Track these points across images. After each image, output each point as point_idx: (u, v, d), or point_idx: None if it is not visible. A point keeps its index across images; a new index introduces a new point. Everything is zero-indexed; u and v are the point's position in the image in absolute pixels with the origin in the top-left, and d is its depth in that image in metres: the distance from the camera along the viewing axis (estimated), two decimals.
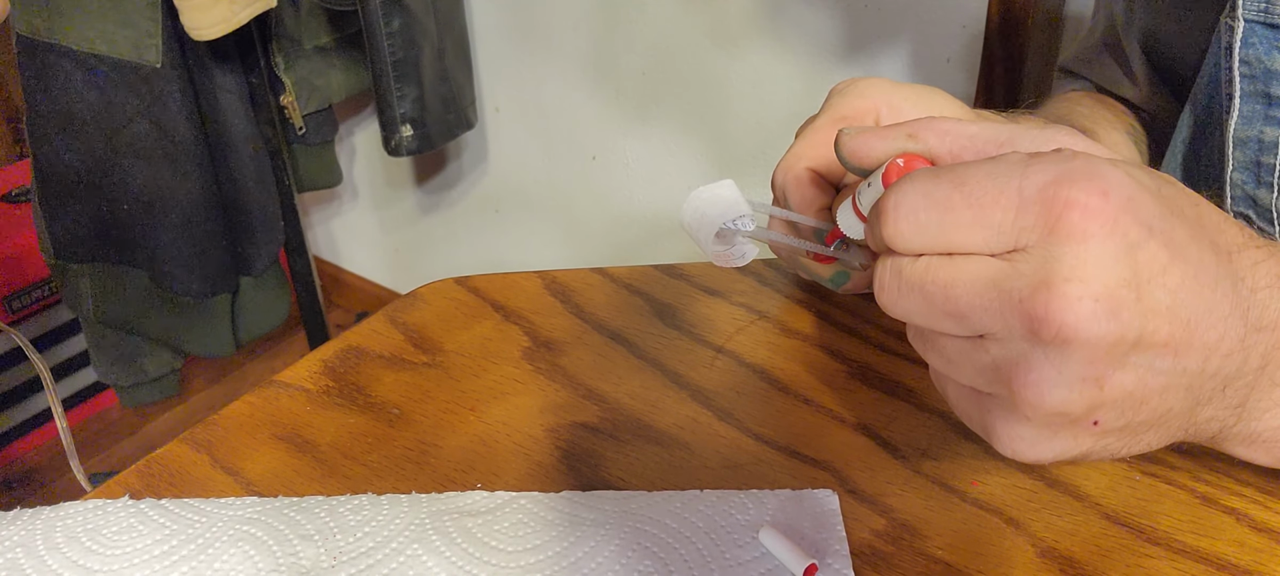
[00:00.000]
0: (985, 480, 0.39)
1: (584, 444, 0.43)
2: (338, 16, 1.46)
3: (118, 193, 1.33)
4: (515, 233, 1.73)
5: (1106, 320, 0.26)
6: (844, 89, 0.49)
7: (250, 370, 1.87)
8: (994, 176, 0.28)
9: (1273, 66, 0.49)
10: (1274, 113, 0.50)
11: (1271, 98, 0.50)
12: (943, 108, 0.48)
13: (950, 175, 0.28)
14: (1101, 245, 0.26)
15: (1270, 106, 0.50)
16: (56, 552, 0.37)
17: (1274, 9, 0.48)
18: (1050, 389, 0.27)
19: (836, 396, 0.45)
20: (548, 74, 1.52)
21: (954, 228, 0.28)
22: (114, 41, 1.26)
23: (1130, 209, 0.27)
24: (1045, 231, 0.27)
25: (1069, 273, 0.26)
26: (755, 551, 0.36)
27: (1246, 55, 0.50)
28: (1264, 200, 0.52)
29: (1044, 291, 0.26)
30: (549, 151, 1.59)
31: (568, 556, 0.37)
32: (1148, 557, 0.36)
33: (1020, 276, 0.27)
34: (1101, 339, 0.26)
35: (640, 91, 1.44)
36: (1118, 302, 0.26)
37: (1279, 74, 0.49)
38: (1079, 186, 0.26)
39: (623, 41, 1.41)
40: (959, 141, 0.32)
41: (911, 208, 0.28)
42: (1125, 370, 0.27)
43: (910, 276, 0.29)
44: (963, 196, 0.28)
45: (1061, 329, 0.26)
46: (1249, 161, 0.51)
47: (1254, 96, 0.50)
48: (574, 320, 0.51)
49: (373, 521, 0.38)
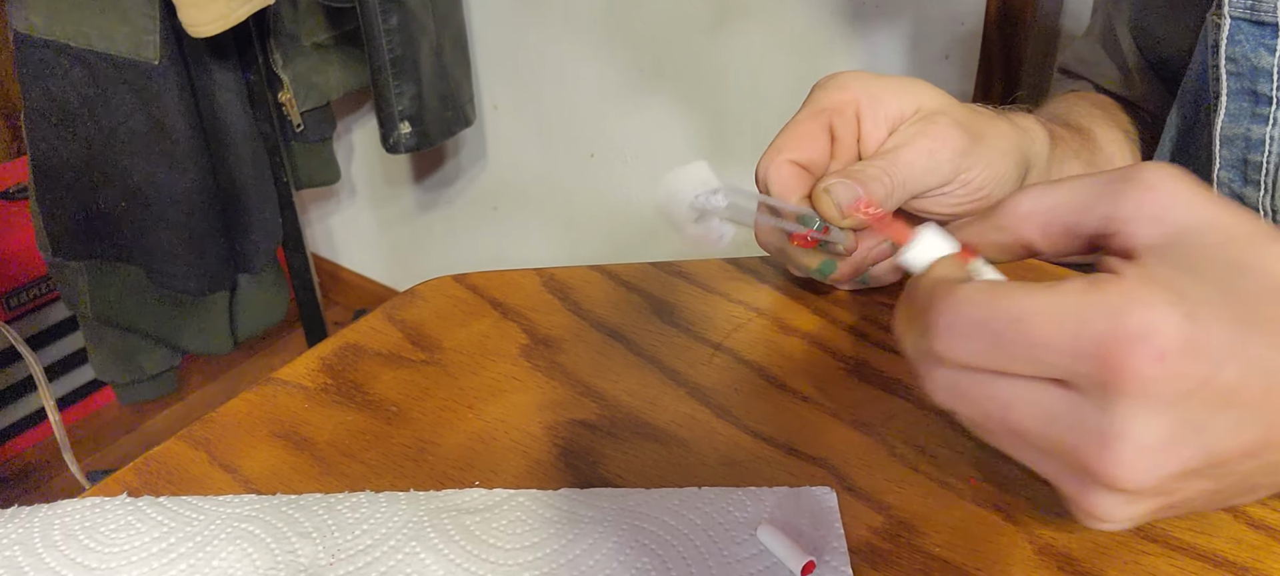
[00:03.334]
0: (984, 478, 0.40)
1: (582, 441, 0.43)
2: (336, 13, 1.46)
3: (115, 190, 1.33)
4: (513, 230, 1.73)
5: (1165, 464, 0.26)
6: (824, 83, 0.49)
7: (248, 368, 1.87)
8: (1050, 318, 0.26)
9: (1259, 64, 0.49)
10: (1261, 110, 0.50)
11: (1258, 95, 0.50)
12: (925, 98, 0.48)
13: (1005, 307, 0.27)
14: (1157, 404, 0.25)
15: (1257, 104, 0.50)
16: (54, 550, 0.37)
17: (1260, 6, 0.48)
18: (1114, 509, 0.27)
19: (834, 393, 0.45)
20: (546, 71, 1.52)
21: (1008, 360, 0.27)
22: (112, 38, 1.25)
23: (1190, 355, 0.25)
24: (1100, 386, 0.26)
25: (1123, 430, 0.26)
26: (753, 548, 0.36)
27: (1232, 53, 0.49)
28: (1251, 198, 0.51)
29: (1099, 444, 0.26)
30: (547, 149, 1.59)
31: (566, 554, 0.37)
32: (1145, 554, 0.36)
33: (1077, 421, 0.26)
34: (1162, 481, 0.26)
35: (638, 89, 1.43)
36: (1176, 445, 0.26)
37: (1266, 71, 0.49)
38: (1135, 351, 0.25)
39: (621, 39, 1.41)
40: (1047, 218, 0.31)
41: (965, 332, 0.28)
42: (1196, 481, 0.27)
43: (966, 390, 0.28)
44: (1017, 333, 0.27)
45: (1116, 481, 0.26)
46: (1236, 160, 0.51)
47: (1240, 94, 0.50)
48: (572, 317, 0.51)
49: (371, 519, 0.38)
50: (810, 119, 0.47)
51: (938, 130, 0.46)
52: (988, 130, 0.48)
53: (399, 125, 1.41)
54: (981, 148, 0.47)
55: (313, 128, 1.56)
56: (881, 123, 0.47)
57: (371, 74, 1.37)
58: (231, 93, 1.40)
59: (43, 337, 1.64)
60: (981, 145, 0.47)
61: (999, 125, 0.50)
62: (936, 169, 0.46)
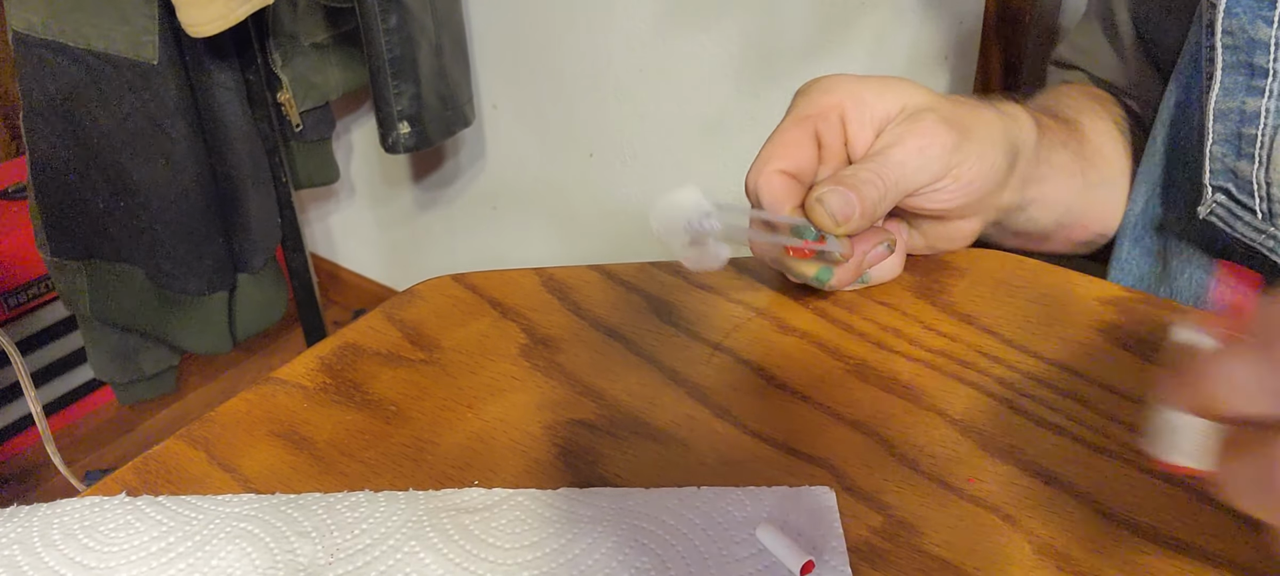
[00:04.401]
0: (982, 477, 0.40)
1: (581, 441, 0.43)
2: (335, 13, 1.46)
3: (114, 189, 1.33)
4: (512, 230, 1.73)
5: None
6: (807, 89, 0.49)
7: (247, 367, 1.87)
8: None
9: (1256, 35, 0.48)
10: (1257, 83, 0.49)
11: (1254, 67, 0.49)
12: (909, 96, 0.48)
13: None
14: None
15: (1253, 76, 0.49)
16: (53, 549, 0.37)
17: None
18: None
19: (834, 393, 0.45)
20: (545, 71, 1.52)
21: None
22: (111, 38, 1.25)
23: None
24: None
25: None
26: (752, 548, 0.36)
27: (1229, 25, 0.49)
28: (1244, 172, 0.50)
29: None
30: (546, 148, 1.59)
31: (565, 553, 0.37)
32: (1144, 554, 0.36)
33: None
34: None
35: (638, 88, 1.43)
36: None
37: (1263, 44, 0.48)
38: None
39: (620, 38, 1.41)
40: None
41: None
42: None
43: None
44: None
45: None
46: (1230, 133, 0.50)
47: (1236, 67, 0.49)
48: (571, 317, 0.51)
49: (370, 519, 0.38)
50: (795, 126, 0.47)
51: (926, 127, 0.46)
52: (974, 122, 0.48)
53: (398, 125, 1.41)
54: (970, 141, 0.47)
55: (312, 127, 1.56)
56: (867, 125, 0.47)
57: (370, 74, 1.37)
58: (230, 92, 1.40)
59: (41, 337, 1.64)
60: (970, 138, 0.47)
61: (985, 114, 0.50)
62: (927, 166, 0.46)
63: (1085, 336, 0.46)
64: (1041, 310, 0.48)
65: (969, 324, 0.48)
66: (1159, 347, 0.45)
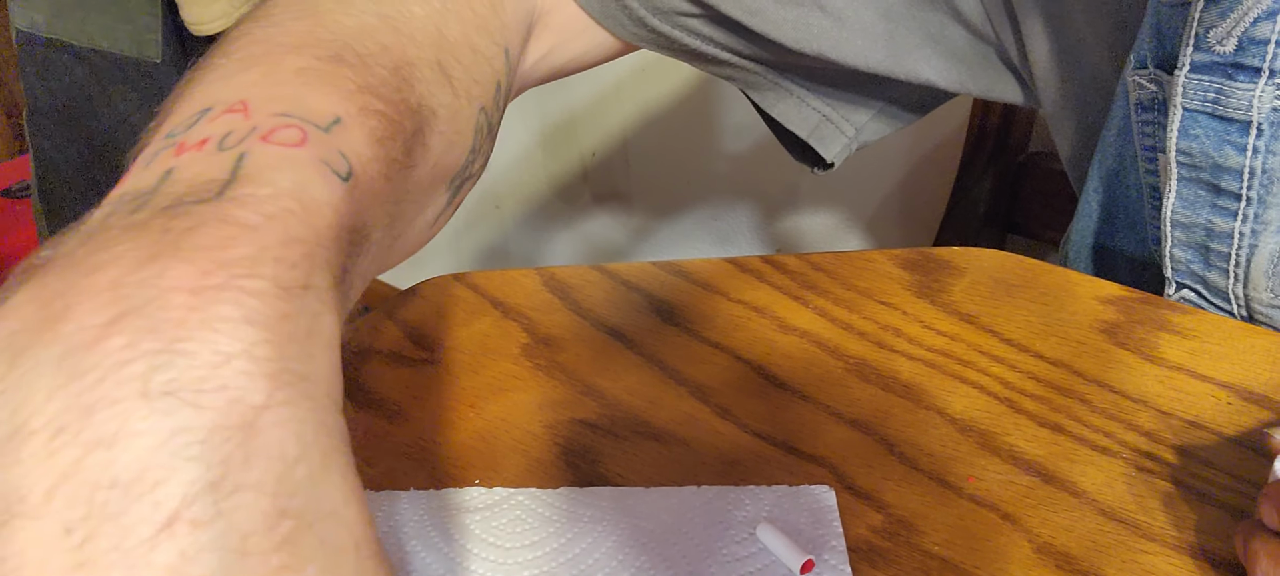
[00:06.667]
0: (982, 476, 0.40)
1: (582, 440, 0.43)
2: None
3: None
4: (514, 229, 1.73)
5: None
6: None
7: None
8: None
9: (1224, 162, 0.43)
10: (1226, 204, 0.44)
11: (1221, 190, 0.44)
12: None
13: None
14: None
15: (1219, 196, 0.45)
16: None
17: (1227, 100, 0.42)
18: None
19: (833, 393, 0.45)
20: None
21: None
22: (114, 36, 1.26)
23: None
24: None
25: None
26: (752, 547, 0.37)
27: (1187, 147, 0.44)
28: (1218, 283, 0.47)
29: None
30: (548, 148, 1.59)
31: (566, 552, 0.37)
32: (1143, 553, 0.36)
33: None
34: None
35: (640, 88, 1.44)
36: None
37: (1234, 170, 0.43)
38: None
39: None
40: None
41: None
42: None
43: None
44: None
45: None
46: (1195, 243, 0.47)
47: (1197, 183, 0.45)
48: (573, 317, 0.51)
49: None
50: None
51: None
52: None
53: None
54: None
55: None
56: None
57: None
58: None
59: None
60: None
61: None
62: None
63: (1085, 336, 0.46)
64: (1041, 310, 0.48)
65: (969, 323, 0.48)
66: (1159, 348, 0.45)
